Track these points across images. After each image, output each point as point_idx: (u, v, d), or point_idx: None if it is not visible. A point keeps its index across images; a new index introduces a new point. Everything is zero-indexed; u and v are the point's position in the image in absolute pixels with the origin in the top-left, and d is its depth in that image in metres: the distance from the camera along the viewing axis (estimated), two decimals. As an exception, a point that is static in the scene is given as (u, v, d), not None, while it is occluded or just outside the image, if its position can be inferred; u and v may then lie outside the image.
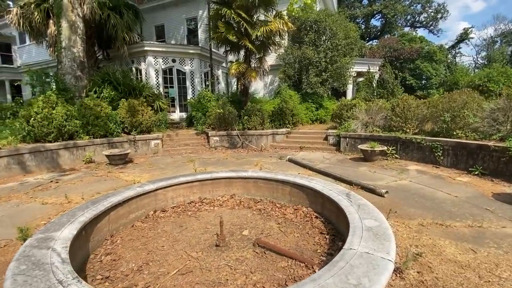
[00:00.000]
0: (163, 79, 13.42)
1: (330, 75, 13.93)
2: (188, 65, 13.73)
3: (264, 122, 9.76)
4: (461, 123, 5.99)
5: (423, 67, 21.15)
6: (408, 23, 33.99)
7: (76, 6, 9.98)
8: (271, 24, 10.39)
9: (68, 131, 7.12)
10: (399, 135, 6.92)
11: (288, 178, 5.16)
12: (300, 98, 14.34)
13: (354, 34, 15.08)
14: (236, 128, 9.52)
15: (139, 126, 8.50)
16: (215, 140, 9.41)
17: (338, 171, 6.08)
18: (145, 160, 7.78)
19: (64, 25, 9.87)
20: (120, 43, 12.48)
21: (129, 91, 10.28)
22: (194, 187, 5.55)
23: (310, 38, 13.88)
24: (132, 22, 12.88)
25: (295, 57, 14.26)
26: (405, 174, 5.56)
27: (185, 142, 9.62)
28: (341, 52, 14.05)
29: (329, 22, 13.68)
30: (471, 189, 4.54)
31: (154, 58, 13.03)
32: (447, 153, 6.02)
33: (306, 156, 7.91)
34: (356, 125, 8.09)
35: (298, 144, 9.27)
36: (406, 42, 22.69)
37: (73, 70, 10.09)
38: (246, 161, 7.43)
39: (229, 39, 10.54)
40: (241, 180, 5.66)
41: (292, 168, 6.45)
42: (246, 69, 11.61)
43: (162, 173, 6.25)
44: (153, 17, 19.81)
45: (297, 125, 11.71)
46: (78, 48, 10.16)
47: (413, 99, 7.26)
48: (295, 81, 15.18)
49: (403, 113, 7.04)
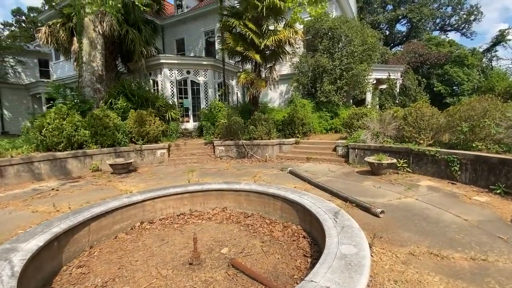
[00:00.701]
0: (178, 90, 13.80)
1: (346, 82, 13.38)
2: (202, 76, 14.03)
3: (270, 131, 9.52)
4: (481, 134, 5.28)
5: (453, 72, 19.60)
6: (437, 27, 32.10)
7: (96, 24, 10.70)
8: (279, 33, 10.28)
9: (77, 140, 7.46)
10: (411, 146, 6.30)
11: (279, 192, 4.87)
12: (314, 107, 13.94)
13: (372, 40, 14.43)
14: (242, 138, 9.39)
15: (146, 136, 8.71)
16: (220, 150, 9.35)
17: (340, 185, 5.64)
18: (148, 170, 7.89)
19: (84, 42, 10.60)
20: (138, 56, 13.12)
21: (142, 102, 10.66)
22: (184, 199, 5.45)
23: (324, 46, 13.55)
24: (149, 37, 13.53)
25: (308, 65, 13.95)
26: (413, 191, 4.98)
27: (191, 151, 9.67)
28: (357, 59, 13.48)
29: (344, 28, 13.27)
30: (487, 211, 3.90)
31: (169, 70, 13.50)
32: (465, 167, 5.32)
33: (310, 168, 7.50)
34: (366, 135, 7.55)
35: (305, 154, 8.87)
36: (433, 47, 21.29)
37: (92, 83, 10.74)
38: (246, 172, 7.22)
39: (237, 50, 10.58)
40: (233, 193, 5.45)
41: (291, 181, 6.12)
42: (255, 78, 11.56)
43: (158, 183, 6.25)
44: (175, 32, 20.75)
45: (308, 135, 11.29)
46: (97, 63, 10.82)
47: (427, 106, 6.60)
48: (309, 90, 14.82)
49: (416, 123, 6.42)
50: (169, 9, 22.39)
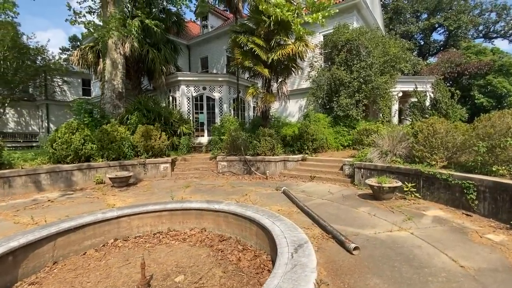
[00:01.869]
0: (194, 106, 14.19)
1: (365, 96, 12.57)
2: (217, 92, 14.28)
3: (274, 147, 9.14)
4: (502, 155, 4.36)
5: (497, 83, 17.38)
6: (481, 34, 29.22)
7: (118, 46, 11.58)
8: (287, 47, 10.08)
9: (85, 153, 7.88)
10: (420, 168, 5.47)
11: (255, 216, 4.49)
12: (331, 122, 13.27)
13: (395, 51, 13.50)
14: (244, 153, 9.15)
15: (151, 150, 8.93)
16: (222, 165, 9.18)
17: (331, 210, 5.05)
18: (148, 183, 7.99)
19: (107, 62, 11.50)
20: (158, 74, 13.88)
21: (155, 117, 11.10)
22: (163, 217, 5.30)
23: (341, 58, 12.99)
24: (169, 56, 14.28)
25: (325, 79, 13.44)
26: (413, 222, 4.22)
27: (196, 166, 9.66)
28: (377, 70, 12.64)
29: (363, 40, 12.62)
30: (496, 255, 3.08)
31: (186, 87, 13.99)
32: (483, 196, 4.40)
33: (309, 189, 6.93)
34: (372, 153, 6.80)
35: (310, 173, 8.29)
36: (473, 55, 19.24)
37: (112, 100, 11.51)
38: (240, 190, 6.90)
39: (245, 65, 10.58)
40: (212, 213, 5.18)
41: (280, 202, 5.66)
42: (264, 93, 11.38)
43: (147, 199, 6.23)
44: (200, 50, 21.80)
45: (319, 151, 10.65)
46: (117, 81, 11.61)
47: (442, 122, 5.73)
48: (326, 104, 14.20)
49: (428, 141, 5.59)
50: (195, 30, 23.68)
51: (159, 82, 14.16)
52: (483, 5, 27.38)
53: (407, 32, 26.21)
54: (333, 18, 15.66)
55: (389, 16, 27.15)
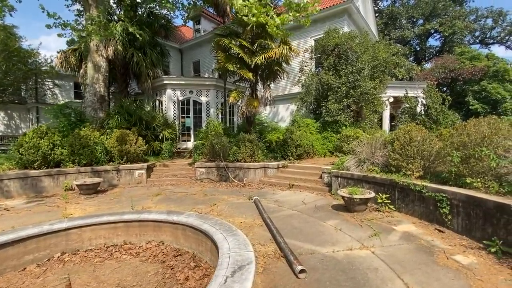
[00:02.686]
0: (180, 110, 13.93)
1: (354, 101, 12.29)
2: (204, 96, 14.03)
3: (254, 153, 8.81)
4: (477, 166, 4.02)
5: (491, 89, 17.09)
6: (477, 40, 29.05)
7: (100, 49, 11.35)
8: (271, 50, 9.82)
9: (54, 159, 7.58)
10: (395, 178, 5.13)
11: (210, 229, 4.17)
12: (320, 127, 12.97)
13: (385, 55, 13.26)
14: (223, 159, 8.82)
15: (126, 155, 8.61)
16: (201, 172, 8.86)
17: (296, 223, 4.71)
18: (118, 191, 7.66)
19: (89, 65, 11.26)
20: (144, 78, 13.65)
21: (135, 121, 10.81)
22: (118, 228, 4.96)
23: (329, 63, 12.74)
24: (156, 59, 14.05)
25: (314, 83, 13.19)
26: (378, 239, 3.88)
27: (174, 172, 9.34)
28: (367, 75, 12.38)
29: (351, 44, 12.37)
30: (459, 282, 2.73)
31: (172, 91, 13.75)
32: (456, 211, 4.06)
33: (283, 198, 6.59)
34: (349, 161, 6.47)
35: (290, 180, 7.95)
36: (466, 61, 18.99)
37: (93, 103, 11.24)
38: (211, 199, 6.56)
39: (228, 68, 10.33)
40: (170, 226, 4.84)
41: (248, 213, 5.32)
42: (248, 98, 11.11)
43: (110, 208, 5.89)
44: (192, 54, 21.63)
45: (303, 157, 10.33)
46: (99, 84, 11.35)
47: (420, 130, 5.41)
48: (314, 109, 13.93)
49: (404, 149, 5.27)
50: (188, 34, 23.58)
51: (145, 86, 13.93)
52: (479, 11, 27.29)
53: (402, 37, 26.05)
54: (324, 22, 15.55)
55: (384, 21, 27.04)
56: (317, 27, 15.99)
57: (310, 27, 16.41)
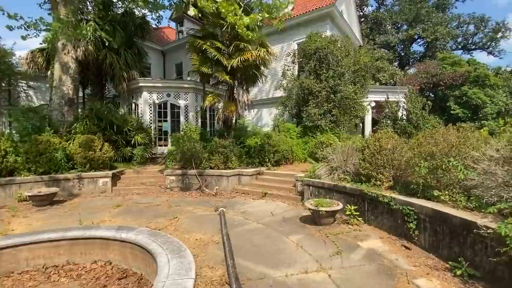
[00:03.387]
0: (157, 113, 13.39)
1: (334, 105, 12.07)
2: (183, 99, 13.55)
3: (228, 160, 8.40)
4: (444, 178, 3.75)
5: (472, 94, 17.31)
6: (459, 46, 29.72)
7: (69, 49, 10.73)
8: (247, 53, 9.48)
9: (6, 167, 6.95)
10: (364, 188, 4.83)
11: (156, 249, 3.74)
12: (301, 132, 12.71)
13: (366, 60, 13.15)
14: (196, 166, 8.37)
15: (90, 162, 8.04)
16: (170, 180, 8.37)
17: (258, 239, 4.33)
18: (78, 201, 7.09)
19: (56, 66, 10.62)
20: (118, 80, 13.07)
21: (105, 125, 10.23)
22: (61, 247, 4.44)
23: (310, 67, 12.52)
24: (132, 61, 13.49)
25: (295, 87, 12.95)
26: (340, 258, 3.53)
27: (143, 180, 8.81)
28: (347, 80, 12.22)
29: (332, 48, 12.19)
30: (415, 316, 2.40)
31: (149, 94, 13.21)
32: (423, 226, 3.77)
33: (253, 208, 6.20)
34: (321, 169, 6.15)
35: (264, 189, 7.57)
36: (448, 66, 19.25)
37: (60, 107, 10.58)
38: (175, 210, 6.10)
39: (203, 71, 9.95)
40: (118, 243, 4.35)
41: (208, 228, 4.89)
42: (225, 101, 10.74)
43: (58, 222, 5.34)
44: (175, 56, 21.10)
45: (282, 163, 9.99)
46: (67, 86, 10.71)
47: (390, 137, 5.14)
48: (296, 113, 13.68)
49: (374, 158, 4.98)
50: (172, 36, 23.07)
51: (119, 88, 13.35)
52: (461, 17, 27.94)
53: (386, 42, 26.33)
54: (307, 26, 15.38)
55: (369, 26, 27.30)
56: (300, 31, 15.85)
57: (294, 31, 16.29)
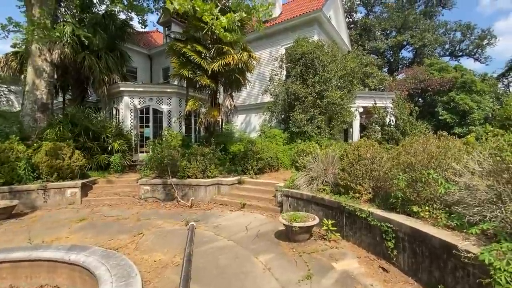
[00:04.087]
0: (138, 119, 12.89)
1: (320, 111, 11.81)
2: (165, 104, 13.11)
3: (206, 168, 7.98)
4: (424, 192, 3.42)
5: (459, 99, 17.35)
6: (447, 52, 30.18)
7: (44, 52, 10.22)
8: (228, 56, 9.15)
9: (-40, 178, 6.38)
10: (342, 201, 4.47)
11: (103, 275, 3.27)
12: (288, 138, 12.38)
13: (352, 65, 13.00)
14: (173, 175, 7.91)
15: (57, 171, 7.50)
16: (145, 190, 7.88)
17: (223, 260, 3.91)
18: (40, 215, 6.54)
19: (29, 70, 10.09)
20: (98, 84, 12.56)
21: (79, 132, 9.70)
22: (3, 269, 3.94)
23: (296, 72, 12.27)
24: (113, 64, 13.02)
25: (282, 93, 12.68)
26: (309, 284, 3.13)
27: (117, 190, 8.29)
28: (334, 85, 12.01)
29: (318, 53, 11.98)
30: None
31: (130, 98, 12.73)
32: (402, 245, 3.42)
33: (228, 222, 5.78)
34: (300, 179, 5.79)
35: (244, 199, 7.15)
36: (435, 72, 19.33)
37: (32, 112, 10.02)
38: (143, 224, 5.63)
39: (183, 74, 9.57)
40: (67, 266, 3.88)
41: (172, 246, 4.44)
42: (208, 107, 10.38)
43: (10, 240, 4.81)
44: (161, 61, 20.62)
45: (265, 171, 9.60)
46: (41, 91, 10.17)
47: (370, 145, 4.82)
48: (283, 119, 13.38)
49: (352, 168, 4.64)
50: (160, 40, 22.69)
51: (99, 92, 12.84)
52: (448, 25, 28.40)
53: (375, 48, 26.49)
54: (294, 31, 15.20)
55: (358, 32, 27.46)
56: (289, 36, 15.68)
57: (282, 35, 16.11)
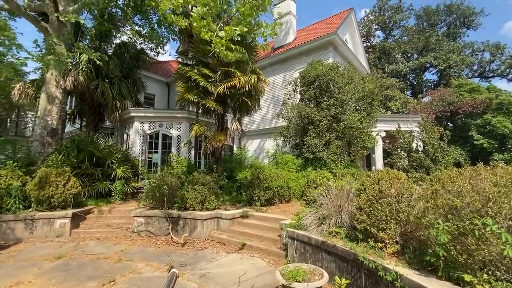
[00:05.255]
0: (148, 144, 12.65)
1: (337, 135, 10.82)
2: (175, 129, 12.83)
3: (206, 199, 7.14)
4: (479, 253, 2.32)
5: (496, 122, 15.52)
6: (476, 74, 28.29)
7: (58, 79, 10.48)
8: (234, 79, 8.69)
9: None
10: (359, 253, 3.39)
11: None
12: (302, 165, 11.37)
13: (371, 86, 12.09)
14: (170, 206, 7.15)
15: (48, 200, 7.04)
16: (138, 222, 7.14)
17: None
18: (21, 248, 5.95)
19: (42, 96, 10.29)
20: (111, 110, 12.66)
21: (83, 158, 9.44)
22: None
23: (309, 95, 11.58)
24: (126, 90, 13.18)
25: (294, 116, 11.95)
26: None
27: (112, 221, 7.63)
28: (351, 108, 11.09)
29: (333, 75, 11.30)
30: None
31: (140, 124, 12.61)
32: (451, 335, 2.26)
33: (219, 269, 4.78)
34: (308, 217, 4.75)
35: (245, 237, 6.15)
36: (465, 93, 17.76)
37: (42, 137, 10.04)
38: (121, 268, 4.79)
39: (188, 98, 9.21)
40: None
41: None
42: (215, 131, 9.81)
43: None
44: (177, 87, 21.02)
45: (274, 202, 8.58)
46: (52, 117, 10.25)
47: (396, 177, 3.77)
48: (297, 144, 12.48)
49: (372, 207, 3.60)
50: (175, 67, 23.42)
51: (112, 118, 12.91)
52: (474, 45, 26.92)
53: (396, 71, 25.45)
54: (308, 55, 14.85)
55: (377, 56, 26.77)
56: (303, 60, 15.37)
57: (296, 60, 15.79)
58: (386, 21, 28.89)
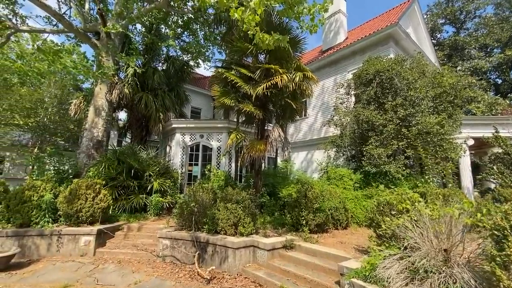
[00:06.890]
0: (188, 156, 12.07)
1: (408, 143, 8.54)
2: (215, 140, 12.01)
3: (239, 222, 5.74)
4: None
5: None
6: None
7: (104, 92, 10.69)
8: (276, 77, 7.38)
9: (-18, 217, 5.93)
10: None
11: None
12: (361, 180, 9.30)
13: (451, 81, 9.49)
14: (198, 227, 5.97)
15: (75, 215, 6.54)
16: (164, 245, 6.09)
17: None
18: (39, 268, 5.37)
19: (91, 109, 10.55)
20: (154, 121, 12.60)
21: (122, 170, 9.12)
22: None
23: (368, 95, 9.57)
24: (169, 102, 13.06)
25: (349, 122, 10.00)
26: None
27: (137, 241, 6.77)
28: (425, 108, 8.71)
29: (398, 69, 9.17)
30: None
31: (181, 135, 12.18)
32: None
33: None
34: (389, 266, 2.93)
35: (287, 278, 4.54)
36: None
37: (88, 149, 10.15)
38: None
39: (225, 103, 8.21)
40: None
41: None
42: (254, 139, 8.53)
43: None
44: (223, 99, 20.77)
45: (327, 228, 6.75)
46: (98, 129, 10.37)
47: None
48: (353, 156, 10.43)
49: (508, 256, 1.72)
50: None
51: (155, 130, 12.82)
52: None
53: (474, 68, 21.10)
54: (363, 53, 12.89)
55: (446, 53, 22.78)
56: (356, 60, 13.47)
57: (348, 60, 13.86)
58: (456, 13, 24.73)
